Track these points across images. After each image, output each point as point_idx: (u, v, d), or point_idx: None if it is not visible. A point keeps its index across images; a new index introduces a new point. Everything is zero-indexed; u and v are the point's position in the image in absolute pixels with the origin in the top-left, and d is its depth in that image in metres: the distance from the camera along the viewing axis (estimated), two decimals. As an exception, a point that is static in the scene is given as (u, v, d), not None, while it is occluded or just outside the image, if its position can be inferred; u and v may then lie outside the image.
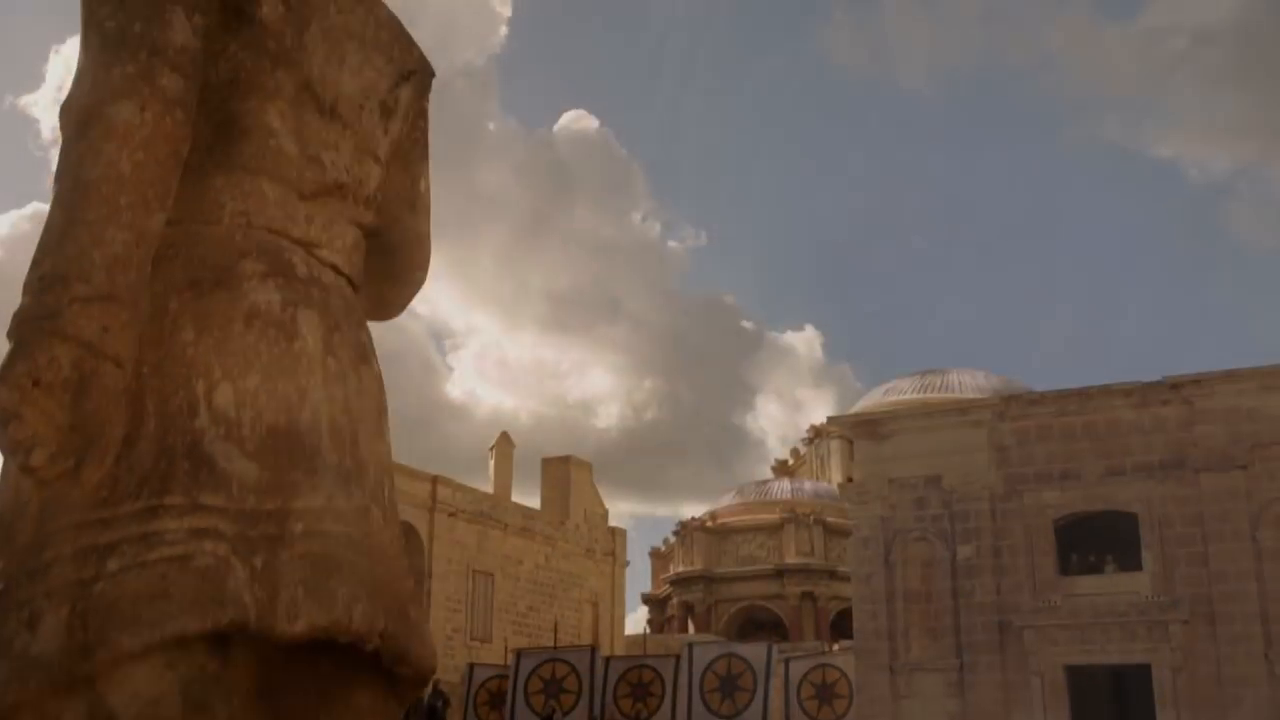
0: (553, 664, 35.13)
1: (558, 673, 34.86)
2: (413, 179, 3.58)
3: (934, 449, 30.14)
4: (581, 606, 47.04)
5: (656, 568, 66.17)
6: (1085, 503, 28.70)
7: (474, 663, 38.53)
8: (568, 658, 35.30)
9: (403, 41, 3.51)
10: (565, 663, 35.03)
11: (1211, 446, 27.74)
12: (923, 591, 29.89)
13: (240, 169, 3.12)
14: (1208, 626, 27.09)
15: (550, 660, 35.30)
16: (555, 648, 36.76)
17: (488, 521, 43.28)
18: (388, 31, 3.45)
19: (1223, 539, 27.31)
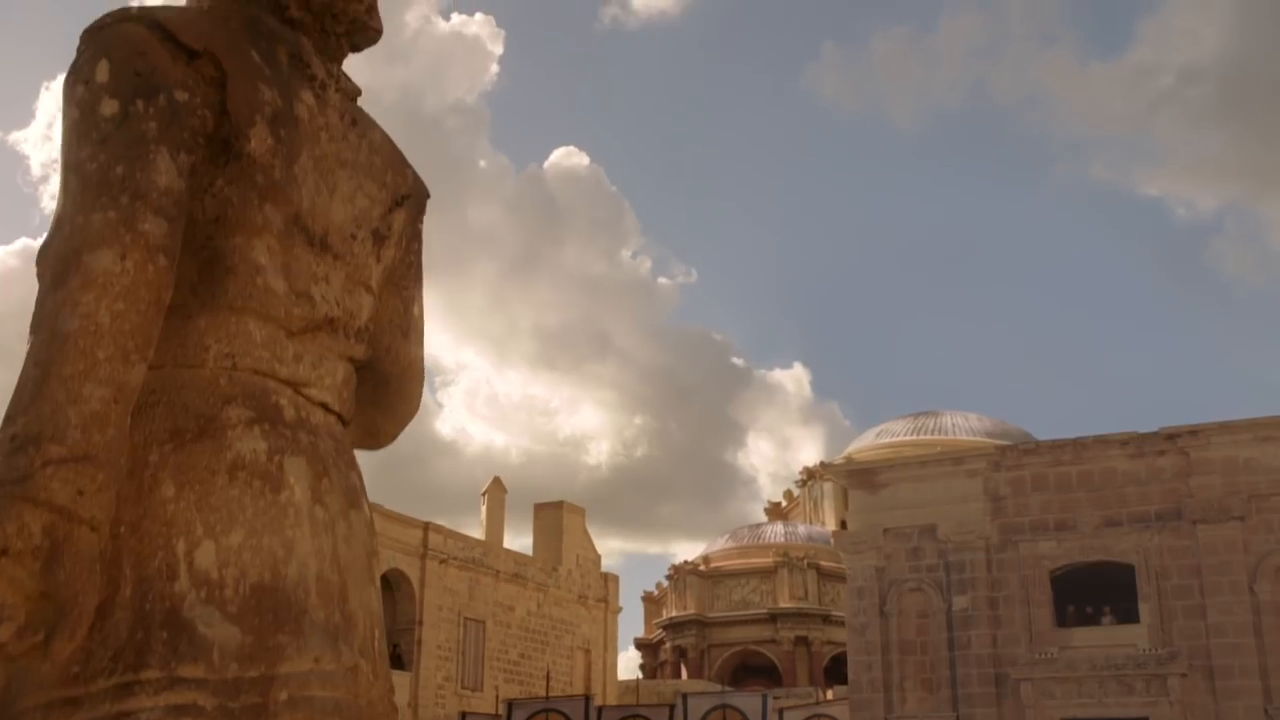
0: (546, 714, 34.80)
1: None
2: (406, 304, 3.46)
3: (928, 498, 29.97)
4: (574, 654, 46.66)
5: (649, 612, 65.78)
6: (1081, 553, 28.51)
7: (465, 712, 38.17)
8: (561, 708, 34.97)
9: (396, 165, 3.40)
10: (559, 713, 34.70)
11: (1208, 498, 27.60)
12: (918, 642, 29.64)
13: (225, 309, 2.99)
14: (1206, 680, 26.86)
15: (544, 710, 34.97)
16: (548, 697, 36.43)
17: (479, 568, 42.97)
18: (381, 156, 3.34)
19: (1220, 591, 27.11)
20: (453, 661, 41.39)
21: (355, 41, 3.37)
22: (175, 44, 2.93)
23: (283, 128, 3.04)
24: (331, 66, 3.28)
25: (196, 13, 3.10)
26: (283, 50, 3.13)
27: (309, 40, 3.23)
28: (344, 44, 3.35)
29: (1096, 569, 28.36)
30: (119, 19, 2.98)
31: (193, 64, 2.94)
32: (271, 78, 3.05)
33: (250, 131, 2.98)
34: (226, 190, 2.99)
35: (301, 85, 3.14)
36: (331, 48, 3.30)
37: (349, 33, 3.34)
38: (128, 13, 2.98)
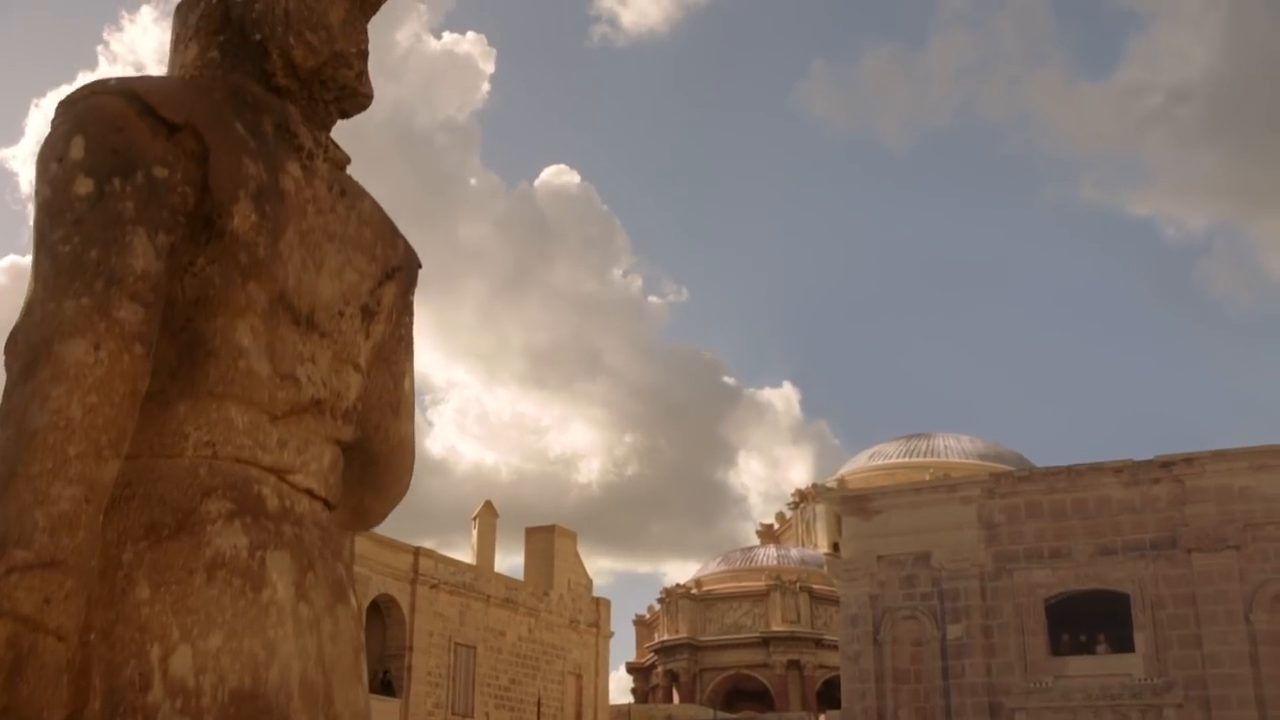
0: (536, 743, 34.52)
1: (541, 752, 34.24)
2: (396, 380, 3.32)
3: (923, 525, 29.82)
4: (565, 679, 46.35)
5: (640, 635, 65.43)
6: (1076, 582, 28.36)
7: (456, 738, 37.90)
8: (551, 736, 34.71)
9: (387, 236, 3.27)
10: (548, 742, 34.43)
11: (1203, 526, 27.48)
12: (912, 671, 29.44)
13: (206, 394, 2.85)
14: (1203, 710, 26.69)
15: (533, 739, 34.69)
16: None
17: (470, 593, 42.68)
18: (371, 228, 3.21)
19: (1216, 621, 26.97)
20: (443, 688, 41.06)
21: (345, 108, 3.25)
22: (155, 117, 2.80)
23: (268, 202, 2.91)
24: (320, 135, 3.16)
25: (178, 83, 2.97)
26: (268, 120, 3.00)
27: (296, 108, 3.10)
28: (333, 111, 3.22)
29: (1091, 597, 28.20)
30: (95, 91, 2.85)
31: (173, 138, 2.81)
32: (256, 150, 2.92)
33: (233, 208, 2.84)
34: (208, 269, 2.85)
35: (288, 157, 3.01)
36: (320, 115, 3.17)
37: (338, 99, 3.21)
38: (105, 85, 2.85)
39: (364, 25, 3.28)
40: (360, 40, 3.22)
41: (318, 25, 3.10)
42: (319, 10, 3.13)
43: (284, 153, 3.00)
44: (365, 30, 3.28)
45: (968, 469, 67.96)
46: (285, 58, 3.06)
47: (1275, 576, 26.94)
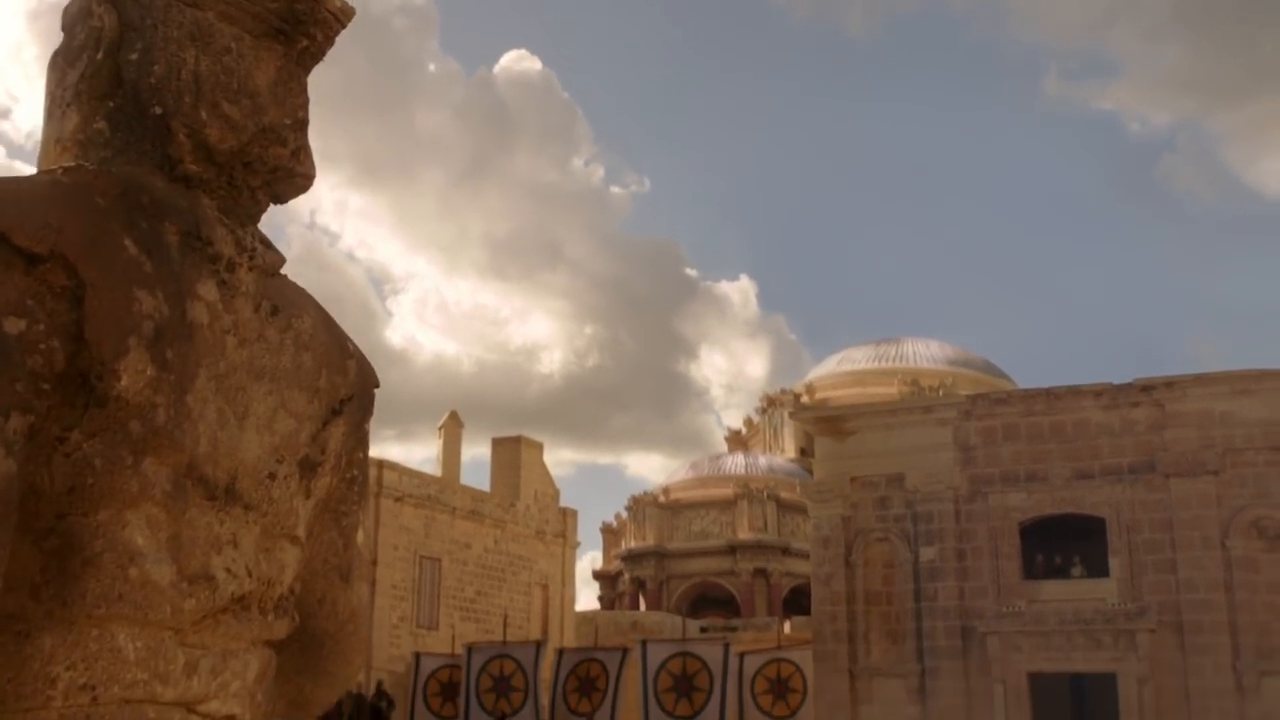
0: (501, 661, 34.23)
1: (505, 670, 34.00)
2: (345, 537, 2.51)
3: (897, 447, 29.30)
4: (531, 590, 46.11)
5: (607, 543, 65.38)
6: (1052, 505, 27.98)
7: (420, 652, 37.52)
8: (515, 654, 34.39)
9: (333, 360, 2.41)
10: (512, 659, 34.15)
11: (1182, 451, 27.08)
12: (884, 593, 29.15)
13: (84, 619, 2.05)
14: (1175, 636, 26.53)
15: (499, 656, 34.38)
16: (505, 643, 35.83)
17: (435, 505, 42.14)
18: (313, 353, 2.36)
19: (1192, 546, 26.70)
20: (409, 601, 40.70)
21: (278, 193, 2.39)
22: (6, 246, 1.96)
23: (170, 346, 2.07)
24: (243, 233, 2.30)
25: (47, 188, 2.10)
26: (171, 228, 2.17)
27: (212, 201, 2.24)
28: (262, 198, 2.38)
29: (1067, 521, 27.86)
30: None
31: (34, 273, 1.99)
32: (154, 275, 2.08)
33: (120, 364, 2.00)
34: (85, 447, 2.03)
35: (199, 274, 2.17)
36: (244, 206, 2.33)
37: (269, 184, 2.36)
38: None
39: (302, 84, 2.41)
40: (297, 106, 2.36)
41: (239, 92, 2.28)
42: (240, 72, 2.29)
43: (194, 270, 2.16)
44: (304, 90, 2.41)
45: (938, 375, 67.78)
46: (196, 138, 2.24)
47: (1253, 502, 26.64)
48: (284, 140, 2.29)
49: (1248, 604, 26.21)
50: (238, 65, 2.27)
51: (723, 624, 51.93)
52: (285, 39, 2.33)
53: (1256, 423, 26.76)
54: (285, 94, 2.32)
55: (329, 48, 2.41)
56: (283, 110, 2.30)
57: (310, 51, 2.38)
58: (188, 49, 2.23)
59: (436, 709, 35.56)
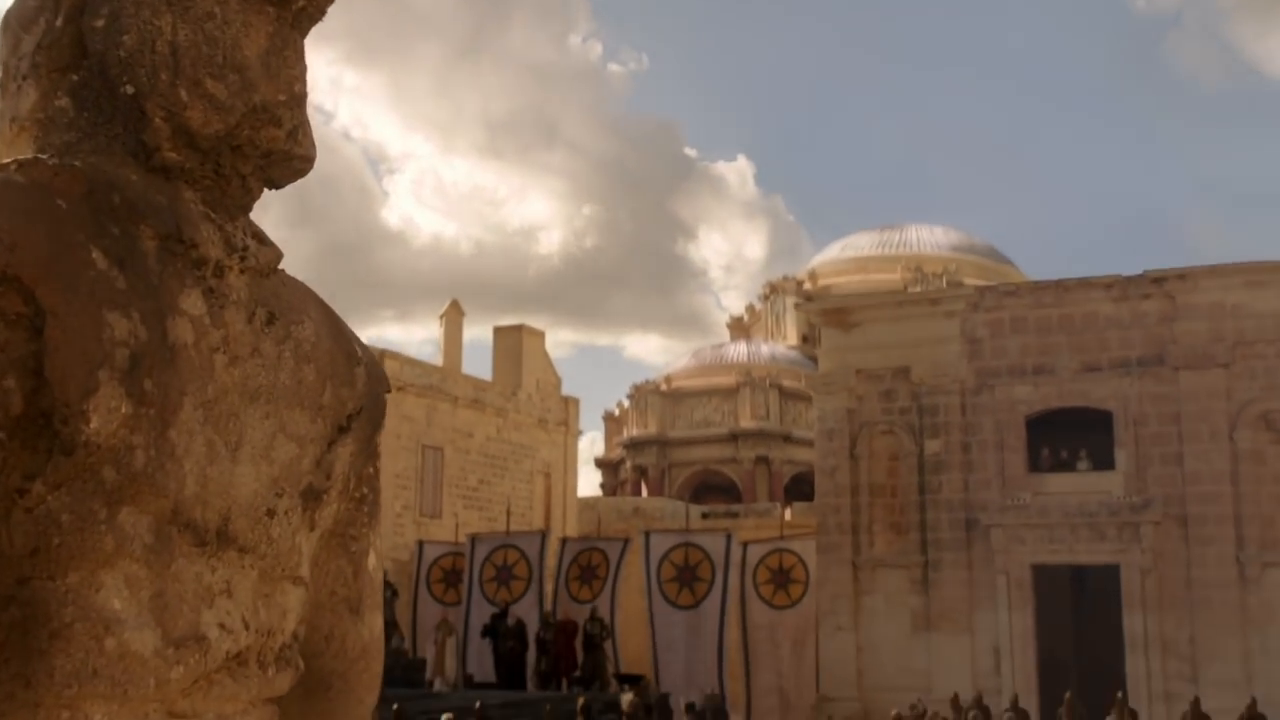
0: (505, 550, 34.39)
1: (509, 559, 34.17)
2: (356, 566, 2.19)
3: (903, 340, 29.02)
4: (534, 478, 46.20)
5: (610, 430, 65.47)
6: (1059, 399, 27.78)
7: (424, 540, 37.74)
8: (518, 544, 34.54)
9: (339, 370, 2.07)
10: (516, 549, 34.30)
11: (1192, 344, 26.80)
12: (888, 485, 29.11)
13: (52, 701, 1.74)
14: (1179, 528, 26.53)
15: (502, 546, 34.55)
16: (508, 533, 35.96)
17: (437, 395, 42.01)
18: (315, 364, 2.01)
19: (1199, 439, 26.56)
20: (411, 490, 40.78)
21: (273, 177, 2.03)
22: None
23: (149, 375, 1.73)
24: (233, 228, 1.94)
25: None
26: (148, 232, 1.83)
27: (195, 194, 1.89)
28: (254, 186, 2.01)
29: (1073, 414, 27.68)
30: None
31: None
32: (128, 291, 1.76)
33: (89, 404, 1.67)
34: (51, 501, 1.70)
35: (182, 285, 1.84)
36: (234, 196, 1.99)
37: (263, 168, 1.99)
38: None
39: (299, 51, 2.02)
40: (293, 78, 1.97)
41: (225, 66, 1.90)
42: (225, 42, 1.90)
43: (175, 280, 1.83)
44: (301, 59, 2.02)
45: (942, 262, 67.26)
46: (175, 122, 1.88)
47: (1262, 395, 26.44)
48: (278, 120, 1.91)
49: (1253, 496, 26.16)
50: (222, 34, 1.88)
51: (724, 510, 52.20)
52: (279, 0, 1.95)
53: (1269, 315, 26.43)
54: (279, 65, 1.94)
55: (329, 4, 2.03)
56: (276, 84, 1.92)
57: (308, 12, 2.00)
58: (163, 15, 1.85)
59: (439, 595, 35.87)
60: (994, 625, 27.22)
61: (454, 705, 25.37)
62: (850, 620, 28.54)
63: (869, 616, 28.44)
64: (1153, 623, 26.23)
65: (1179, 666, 26.02)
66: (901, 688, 26.80)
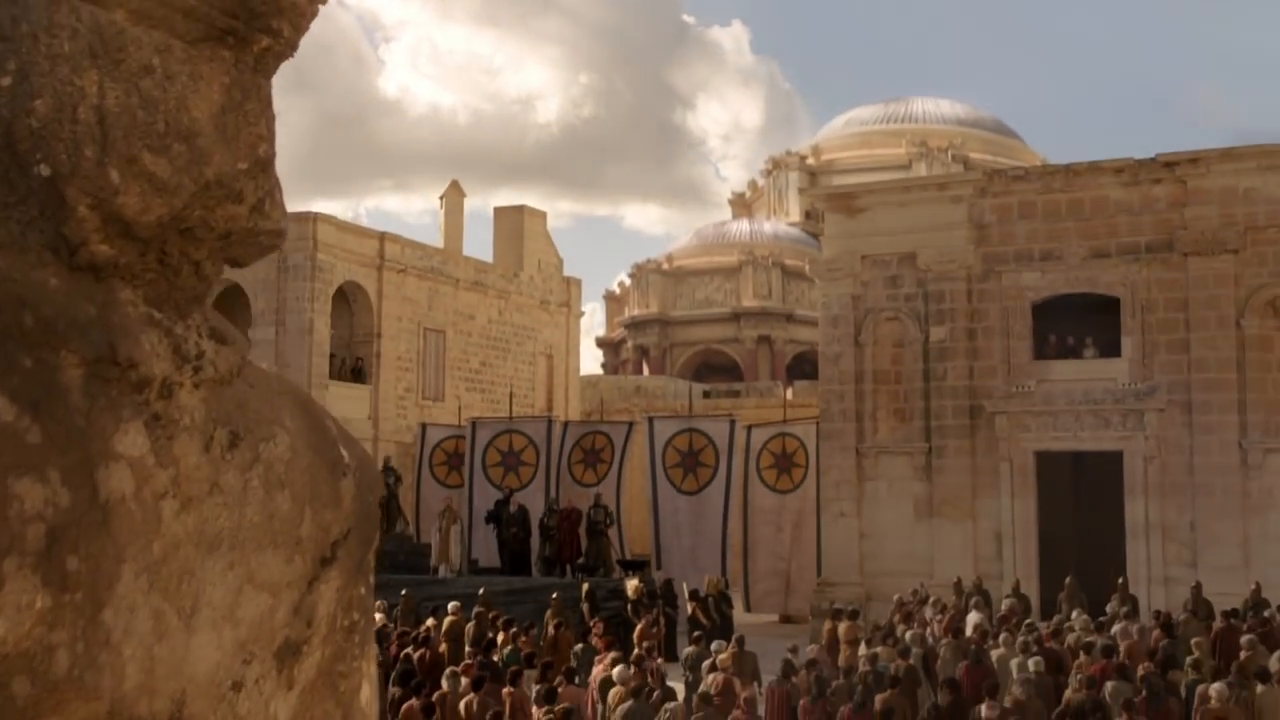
0: (510, 435, 34.38)
1: (515, 444, 34.18)
2: (346, 708, 1.91)
3: (910, 225, 28.57)
4: (536, 360, 46.10)
5: (611, 310, 65.19)
6: (1066, 285, 27.43)
7: (427, 423, 37.77)
8: (525, 429, 34.54)
9: (320, 486, 1.79)
10: (522, 434, 34.29)
11: (1202, 229, 26.36)
12: (893, 373, 28.92)
13: None
14: (1184, 414, 26.40)
15: (507, 432, 34.53)
16: (511, 418, 35.95)
17: (438, 277, 41.68)
18: (290, 489, 1.72)
19: (1207, 326, 26.29)
20: (413, 372, 40.70)
21: (234, 257, 1.70)
22: None
23: (74, 549, 1.43)
24: (185, 329, 1.63)
25: None
26: (71, 359, 1.47)
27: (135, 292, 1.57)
28: (210, 271, 1.68)
29: (1080, 301, 27.36)
30: None
31: None
32: (44, 446, 1.40)
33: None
34: None
35: (118, 420, 1.50)
36: (186, 288, 1.65)
37: (223, 249, 1.67)
38: None
39: (263, 102, 1.67)
40: (257, 139, 1.62)
41: (170, 134, 1.54)
42: (169, 102, 1.55)
43: (108, 415, 1.48)
44: (266, 110, 1.67)
45: (947, 136, 66.29)
46: (105, 210, 1.51)
47: (1271, 281, 26.08)
48: (239, 194, 1.58)
49: (1258, 383, 25.98)
50: (164, 93, 1.52)
51: (725, 389, 52.18)
52: (236, 41, 1.60)
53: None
54: (239, 123, 1.59)
55: (300, 39, 1.69)
56: (236, 149, 1.58)
57: (274, 51, 1.66)
58: (87, 73, 1.47)
59: (442, 478, 36.01)
60: (996, 512, 27.28)
61: (459, 592, 25.55)
62: (853, 507, 28.59)
63: (871, 503, 28.49)
64: (1154, 509, 26.26)
65: (1179, 551, 26.13)
66: (903, 573, 26.97)
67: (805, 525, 31.05)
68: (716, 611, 24.24)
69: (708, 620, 23.71)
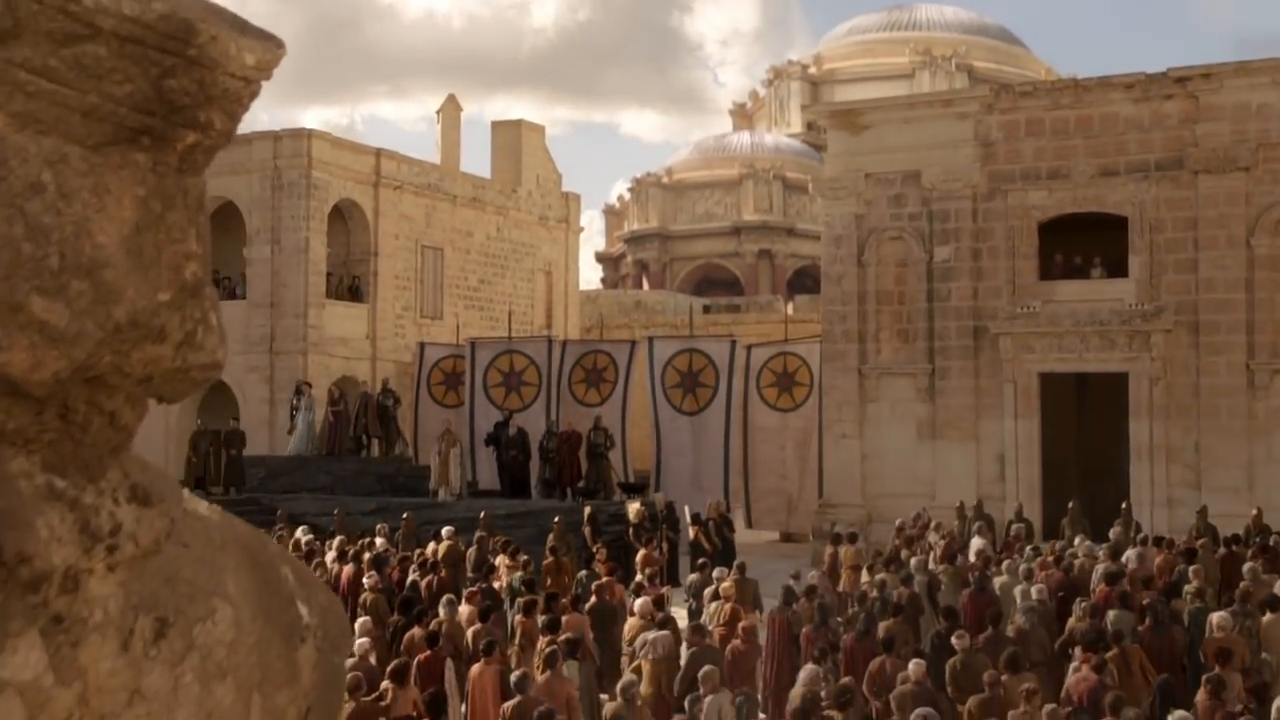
0: (510, 356, 34.13)
1: (516, 365, 33.93)
2: None
3: (914, 143, 28.04)
4: (535, 276, 45.69)
5: (610, 224, 64.60)
6: (1073, 204, 26.99)
7: (425, 341, 37.51)
8: (525, 350, 34.27)
9: (271, 663, 1.50)
10: (524, 355, 34.03)
11: (1214, 146, 25.85)
12: (896, 293, 28.58)
13: None
14: (1191, 335, 26.11)
15: (507, 352, 34.27)
16: (510, 339, 35.64)
17: (435, 194, 41.14)
18: (234, 677, 1.43)
19: (1216, 245, 25.90)
20: (411, 291, 40.34)
21: (162, 395, 1.38)
22: None
23: None
24: (97, 495, 1.32)
25: None
26: None
27: (30, 459, 1.27)
28: (130, 417, 1.36)
29: (1087, 220, 26.94)
30: None
31: None
32: None
33: None
34: None
35: (3, 639, 1.20)
36: (98, 441, 1.31)
37: (145, 391, 1.35)
38: None
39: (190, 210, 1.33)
40: (183, 260, 1.29)
41: (66, 270, 1.19)
42: (65, 229, 1.20)
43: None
44: (195, 221, 1.34)
45: (951, 44, 65.22)
46: None
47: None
48: (160, 331, 1.26)
49: (1267, 303, 25.66)
50: (58, 217, 1.18)
51: (726, 303, 51.83)
52: (154, 140, 1.28)
53: (1295, 116, 25.45)
54: (160, 243, 1.26)
55: (237, 126, 1.36)
56: (155, 277, 1.25)
57: (204, 147, 1.33)
58: None
59: (440, 398, 35.83)
60: (999, 433, 27.10)
61: (459, 516, 25.46)
62: (855, 428, 28.42)
63: (874, 424, 28.31)
64: (1159, 430, 26.08)
65: (1183, 473, 26.00)
66: (905, 495, 26.88)
67: (807, 444, 30.91)
68: (718, 536, 24.16)
69: (710, 545, 23.63)
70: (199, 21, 1.23)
